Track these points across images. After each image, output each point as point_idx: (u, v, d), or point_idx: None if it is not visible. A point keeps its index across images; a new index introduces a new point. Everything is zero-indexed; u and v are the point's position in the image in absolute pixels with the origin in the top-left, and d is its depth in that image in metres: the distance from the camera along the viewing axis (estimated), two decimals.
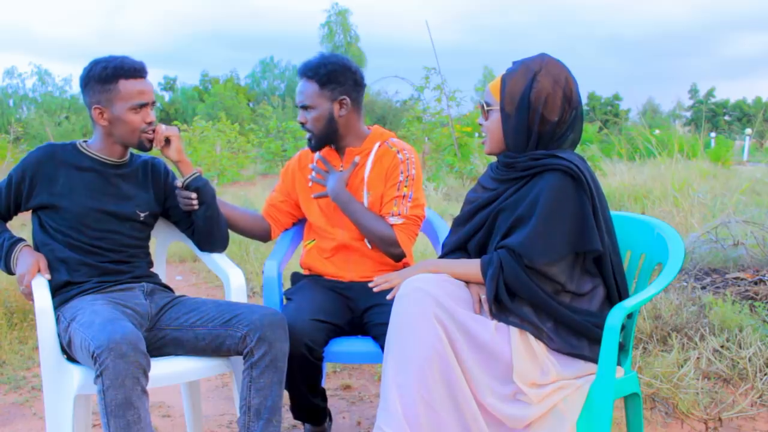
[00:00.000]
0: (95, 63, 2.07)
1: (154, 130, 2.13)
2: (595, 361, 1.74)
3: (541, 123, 1.81)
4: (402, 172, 2.30)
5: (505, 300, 1.76)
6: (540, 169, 1.79)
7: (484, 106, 1.91)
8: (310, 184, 2.40)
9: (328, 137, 2.32)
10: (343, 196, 2.28)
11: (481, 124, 1.96)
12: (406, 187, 2.29)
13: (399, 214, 2.26)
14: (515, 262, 1.75)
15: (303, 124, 2.31)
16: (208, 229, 2.24)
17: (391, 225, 2.25)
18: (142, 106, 2.07)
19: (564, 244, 1.74)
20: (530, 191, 1.80)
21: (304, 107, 2.29)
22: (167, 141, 2.16)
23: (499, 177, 1.91)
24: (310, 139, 2.33)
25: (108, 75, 2.04)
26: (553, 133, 1.83)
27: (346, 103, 2.30)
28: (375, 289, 1.98)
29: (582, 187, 1.76)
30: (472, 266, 1.84)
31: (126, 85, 2.04)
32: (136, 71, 2.06)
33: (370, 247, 2.31)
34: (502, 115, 1.86)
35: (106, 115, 2.07)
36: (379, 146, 2.35)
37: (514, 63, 1.89)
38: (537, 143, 1.83)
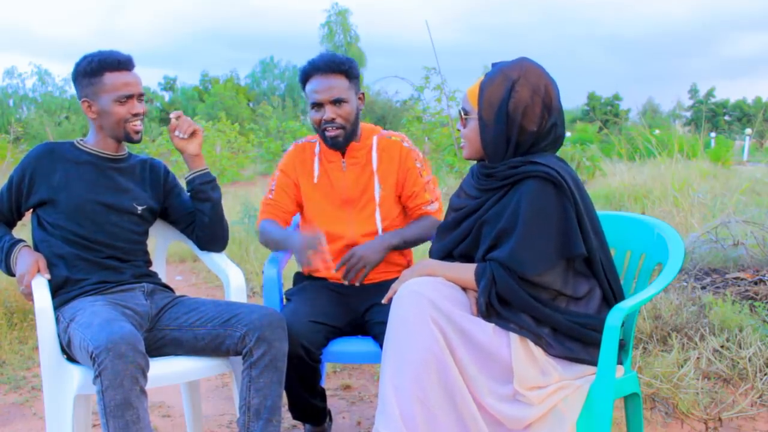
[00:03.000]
0: (83, 58, 2.10)
1: (142, 121, 2.13)
2: (594, 364, 1.73)
3: (519, 133, 1.80)
4: (416, 159, 2.34)
5: (500, 310, 1.75)
6: (519, 177, 1.78)
7: (462, 113, 1.89)
8: (315, 180, 2.35)
9: (353, 133, 2.29)
10: (384, 244, 2.20)
11: (459, 130, 1.94)
12: (425, 171, 2.35)
13: (435, 200, 2.34)
14: (507, 274, 1.74)
15: (332, 121, 2.23)
16: (212, 227, 2.24)
17: (434, 212, 2.32)
18: (128, 97, 2.08)
19: (551, 252, 1.72)
20: (511, 201, 1.78)
21: (338, 101, 2.23)
22: (193, 133, 2.18)
23: (480, 186, 1.90)
24: (337, 137, 2.25)
25: (94, 68, 2.06)
26: (532, 141, 1.81)
27: (363, 98, 2.34)
28: (384, 301, 1.94)
29: (563, 192, 1.73)
30: (467, 272, 1.82)
31: (111, 78, 2.06)
32: (121, 63, 2.08)
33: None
34: (480, 123, 1.83)
35: (94, 108, 2.09)
36: (377, 138, 2.36)
37: (493, 66, 1.86)
38: (516, 150, 1.82)
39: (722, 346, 2.87)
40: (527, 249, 1.72)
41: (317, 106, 2.25)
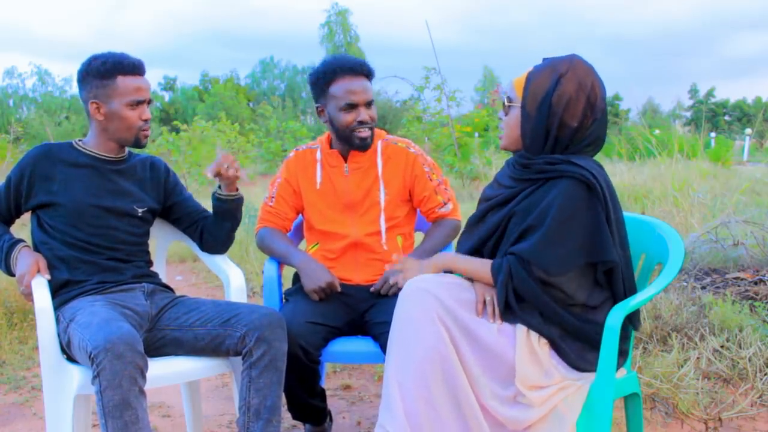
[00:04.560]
0: (94, 58, 2.08)
1: (150, 127, 2.14)
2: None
3: (560, 127, 1.77)
4: (424, 164, 2.35)
5: (515, 307, 1.74)
6: (555, 175, 1.76)
7: (506, 101, 1.88)
8: (317, 186, 2.34)
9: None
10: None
11: (500, 118, 1.93)
12: (435, 174, 2.36)
13: (447, 201, 2.36)
14: (523, 269, 1.73)
15: (365, 122, 2.23)
16: (223, 237, 2.26)
17: (449, 213, 2.36)
18: (139, 102, 2.08)
19: (573, 255, 1.71)
20: (543, 198, 1.76)
21: (370, 103, 2.26)
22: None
23: (515, 175, 1.88)
24: (367, 138, 2.26)
25: (107, 70, 2.05)
26: (572, 138, 1.79)
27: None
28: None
29: (596, 197, 1.72)
30: (483, 267, 1.81)
31: (124, 82, 2.05)
32: (135, 68, 2.07)
33: (386, 247, 2.30)
34: (522, 113, 1.82)
35: (102, 110, 2.07)
36: (382, 144, 2.34)
37: (543, 60, 1.85)
38: (554, 146, 1.80)
39: (722, 346, 2.87)
40: (549, 247, 1.71)
41: (351, 107, 2.22)
